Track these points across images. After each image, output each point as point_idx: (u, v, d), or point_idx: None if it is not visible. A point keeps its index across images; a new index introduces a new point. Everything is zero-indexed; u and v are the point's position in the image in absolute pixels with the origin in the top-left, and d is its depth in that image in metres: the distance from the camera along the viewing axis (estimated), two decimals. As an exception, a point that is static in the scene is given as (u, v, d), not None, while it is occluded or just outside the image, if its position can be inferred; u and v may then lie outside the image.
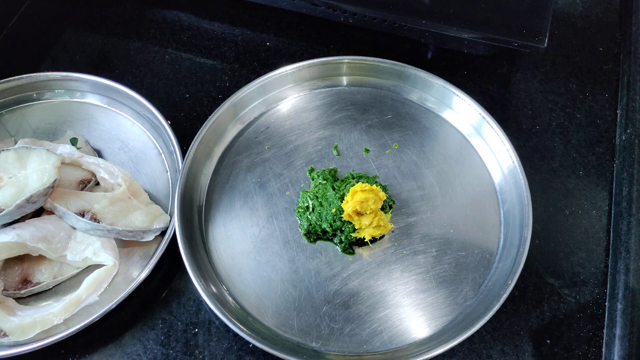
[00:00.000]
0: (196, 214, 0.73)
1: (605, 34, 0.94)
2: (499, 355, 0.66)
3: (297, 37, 0.94)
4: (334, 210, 0.69)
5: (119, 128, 0.82)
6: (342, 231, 0.69)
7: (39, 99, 0.84)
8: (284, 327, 0.65)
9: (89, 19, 0.98)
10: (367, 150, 0.78)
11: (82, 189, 0.74)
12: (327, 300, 0.67)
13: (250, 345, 0.66)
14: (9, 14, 0.97)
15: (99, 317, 0.63)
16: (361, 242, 0.70)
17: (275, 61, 0.91)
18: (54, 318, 0.64)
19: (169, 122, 0.77)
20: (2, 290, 0.66)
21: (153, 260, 0.67)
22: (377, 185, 0.69)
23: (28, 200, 0.66)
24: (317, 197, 0.71)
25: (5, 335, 0.62)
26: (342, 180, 0.73)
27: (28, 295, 0.68)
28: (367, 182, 0.70)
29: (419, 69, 0.81)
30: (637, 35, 0.90)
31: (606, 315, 0.68)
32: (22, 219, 0.69)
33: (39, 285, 0.67)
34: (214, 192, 0.75)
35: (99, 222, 0.68)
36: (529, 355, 0.66)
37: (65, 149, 0.75)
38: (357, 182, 0.70)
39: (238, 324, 0.62)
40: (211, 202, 0.74)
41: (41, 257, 0.68)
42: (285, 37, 0.95)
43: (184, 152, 0.74)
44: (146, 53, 0.93)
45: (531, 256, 0.65)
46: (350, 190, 0.68)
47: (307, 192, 0.72)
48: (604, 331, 0.68)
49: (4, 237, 0.65)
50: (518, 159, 0.72)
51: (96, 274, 0.67)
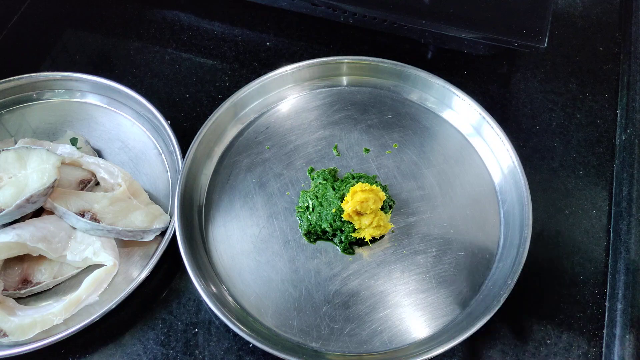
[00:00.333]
0: (196, 214, 0.73)
1: (605, 34, 0.94)
2: (499, 355, 0.66)
3: (297, 37, 0.94)
4: (334, 210, 0.69)
5: (119, 128, 0.82)
6: (342, 231, 0.69)
7: (39, 99, 0.84)
8: (284, 327, 0.65)
9: (89, 19, 0.98)
10: (367, 150, 0.78)
11: (82, 189, 0.73)
12: (327, 300, 0.67)
13: (250, 345, 0.66)
14: (9, 14, 0.97)
15: (99, 317, 0.63)
16: (361, 242, 0.70)
17: (275, 61, 0.91)
18: (54, 318, 0.64)
19: (169, 122, 0.77)
20: (2, 290, 0.66)
21: (153, 260, 0.67)
22: (377, 185, 0.69)
23: (28, 200, 0.66)
24: (317, 197, 0.71)
25: (5, 335, 0.62)
26: (342, 180, 0.73)
27: (28, 295, 0.68)
28: (367, 182, 0.70)
29: (419, 69, 0.81)
30: (637, 35, 0.90)
31: (606, 315, 0.68)
32: (22, 219, 0.69)
33: (39, 285, 0.67)
34: (214, 192, 0.75)
35: (99, 222, 0.68)
36: (529, 355, 0.66)
37: (65, 149, 0.75)
38: (357, 182, 0.70)
39: (238, 324, 0.62)
40: (211, 202, 0.74)
41: (41, 257, 0.68)
42: (285, 37, 0.95)
43: (184, 152, 0.74)
44: (146, 53, 0.93)
45: (531, 256, 0.65)
46: (350, 190, 0.68)
47: (307, 192, 0.72)
48: (604, 331, 0.68)
49: (4, 237, 0.65)
50: (518, 159, 0.72)
51: (96, 274, 0.67)
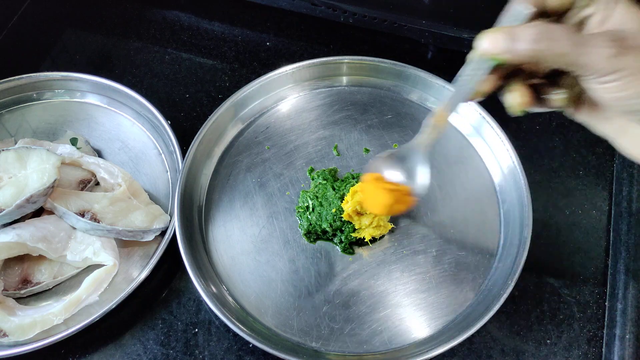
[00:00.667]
0: (196, 214, 0.73)
1: (605, 34, 0.94)
2: (499, 355, 0.66)
3: (297, 37, 0.94)
4: (334, 210, 0.69)
5: (119, 128, 0.82)
6: (342, 231, 0.69)
7: (39, 99, 0.84)
8: (284, 327, 0.65)
9: (89, 19, 0.98)
10: (367, 150, 0.78)
11: (82, 189, 0.73)
12: (327, 300, 0.67)
13: (250, 345, 0.66)
14: (9, 14, 0.97)
15: (99, 317, 0.63)
16: (361, 242, 0.70)
17: (275, 61, 0.91)
18: (54, 318, 0.64)
19: (169, 122, 0.77)
20: (2, 290, 0.66)
21: (153, 260, 0.67)
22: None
23: (28, 200, 0.66)
24: (317, 197, 0.71)
25: (5, 335, 0.62)
26: (342, 180, 0.73)
27: (28, 295, 0.68)
28: (367, 182, 0.70)
29: (419, 69, 0.80)
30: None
31: (606, 315, 0.68)
32: (22, 219, 0.69)
33: (39, 285, 0.67)
34: (214, 192, 0.75)
35: (99, 222, 0.68)
36: (529, 355, 0.66)
37: (65, 149, 0.75)
38: (357, 182, 0.70)
39: (238, 324, 0.62)
40: (211, 202, 0.74)
41: (41, 257, 0.68)
42: (285, 37, 0.95)
43: (184, 152, 0.74)
44: (146, 53, 0.93)
45: (531, 256, 0.65)
46: (350, 190, 0.68)
47: (307, 192, 0.72)
48: (604, 331, 0.68)
49: (4, 237, 0.65)
50: (518, 159, 0.72)
51: (96, 274, 0.67)
